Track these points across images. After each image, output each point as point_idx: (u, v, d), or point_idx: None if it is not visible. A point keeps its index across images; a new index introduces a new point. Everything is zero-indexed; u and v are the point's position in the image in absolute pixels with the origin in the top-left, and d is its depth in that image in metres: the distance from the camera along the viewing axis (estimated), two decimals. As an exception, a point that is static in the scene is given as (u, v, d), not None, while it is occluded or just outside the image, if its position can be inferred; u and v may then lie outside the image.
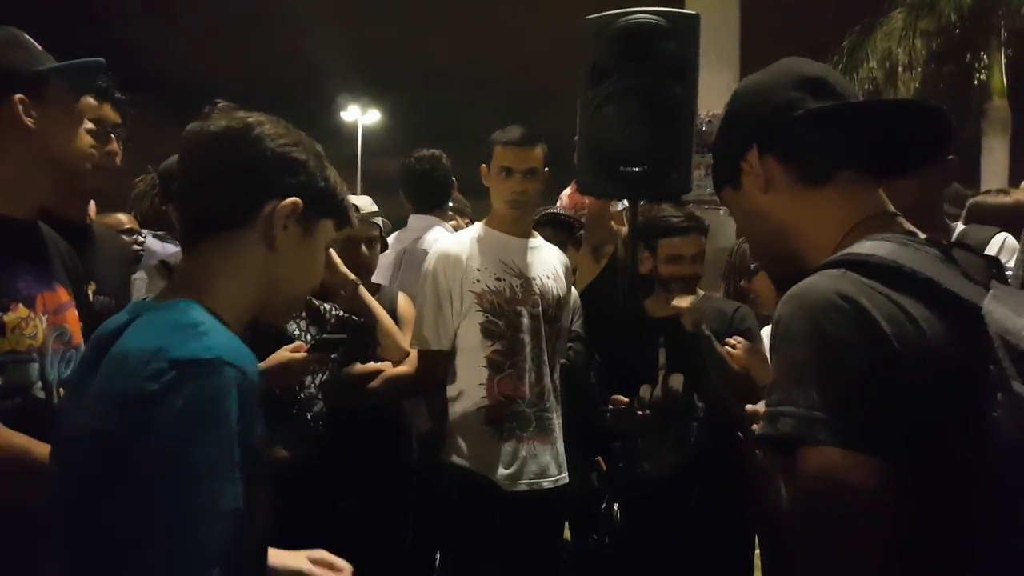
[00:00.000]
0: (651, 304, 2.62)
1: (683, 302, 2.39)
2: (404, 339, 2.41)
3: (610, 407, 2.42)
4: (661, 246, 2.51)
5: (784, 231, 1.06)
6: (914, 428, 0.83)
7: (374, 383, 2.30)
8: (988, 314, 0.84)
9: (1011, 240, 1.98)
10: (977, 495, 0.81)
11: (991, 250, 1.91)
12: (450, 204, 3.80)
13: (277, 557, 1.16)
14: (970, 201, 2.87)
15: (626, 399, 2.41)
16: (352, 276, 2.26)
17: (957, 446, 0.83)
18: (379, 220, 2.53)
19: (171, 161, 2.39)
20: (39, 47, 1.46)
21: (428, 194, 3.30)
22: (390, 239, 2.94)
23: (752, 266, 2.84)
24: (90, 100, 1.87)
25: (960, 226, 2.14)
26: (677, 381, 2.50)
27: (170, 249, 3.01)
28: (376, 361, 2.35)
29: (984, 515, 0.81)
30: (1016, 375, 0.79)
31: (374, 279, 2.58)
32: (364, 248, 2.45)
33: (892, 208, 1.04)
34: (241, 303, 1.07)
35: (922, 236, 0.98)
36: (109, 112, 1.96)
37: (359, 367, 2.29)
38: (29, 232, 1.47)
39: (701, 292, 2.65)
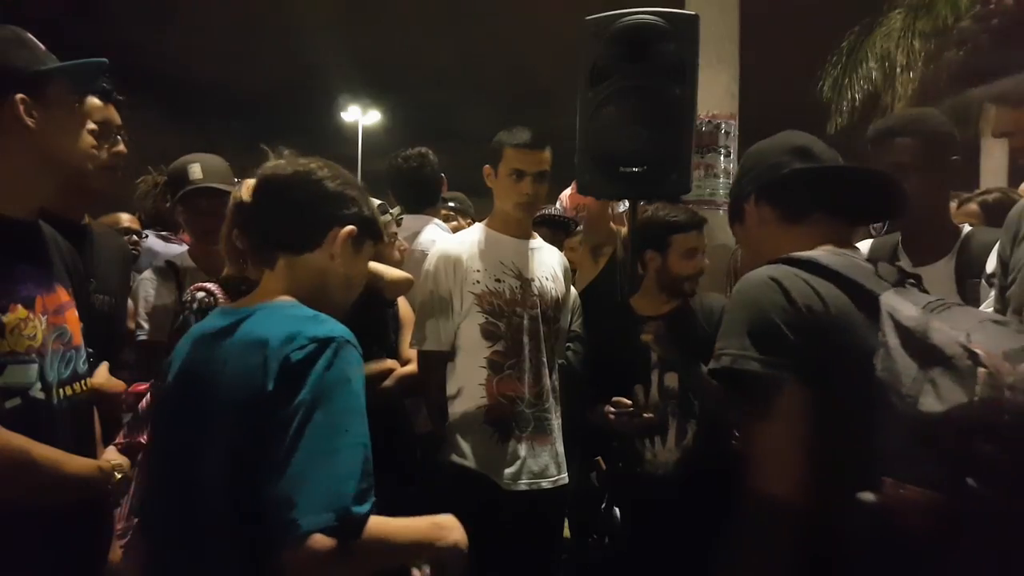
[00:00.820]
0: (640, 303, 2.62)
1: (647, 337, 2.44)
2: (397, 271, 2.41)
3: (612, 409, 2.42)
4: (675, 242, 2.52)
5: (771, 254, 1.37)
6: (817, 363, 1.19)
7: (387, 382, 2.31)
8: (883, 300, 1.19)
9: None
10: (862, 412, 1.13)
11: (995, 252, 1.92)
12: (451, 204, 3.80)
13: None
14: (990, 198, 2.86)
15: (629, 401, 2.42)
16: None
17: (848, 377, 1.17)
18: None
19: (180, 162, 2.38)
20: (42, 47, 1.45)
21: (418, 193, 3.24)
22: None
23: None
24: (95, 101, 1.87)
25: (967, 227, 2.14)
26: (672, 380, 2.50)
27: (174, 249, 3.01)
28: (394, 306, 2.41)
29: (865, 426, 1.13)
30: (894, 335, 1.15)
31: None
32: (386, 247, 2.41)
33: (851, 243, 1.39)
34: (313, 307, 1.32)
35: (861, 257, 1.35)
36: (114, 113, 1.96)
37: (370, 366, 2.30)
38: (29, 232, 1.47)
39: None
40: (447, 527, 1.39)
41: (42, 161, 1.43)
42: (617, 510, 2.66)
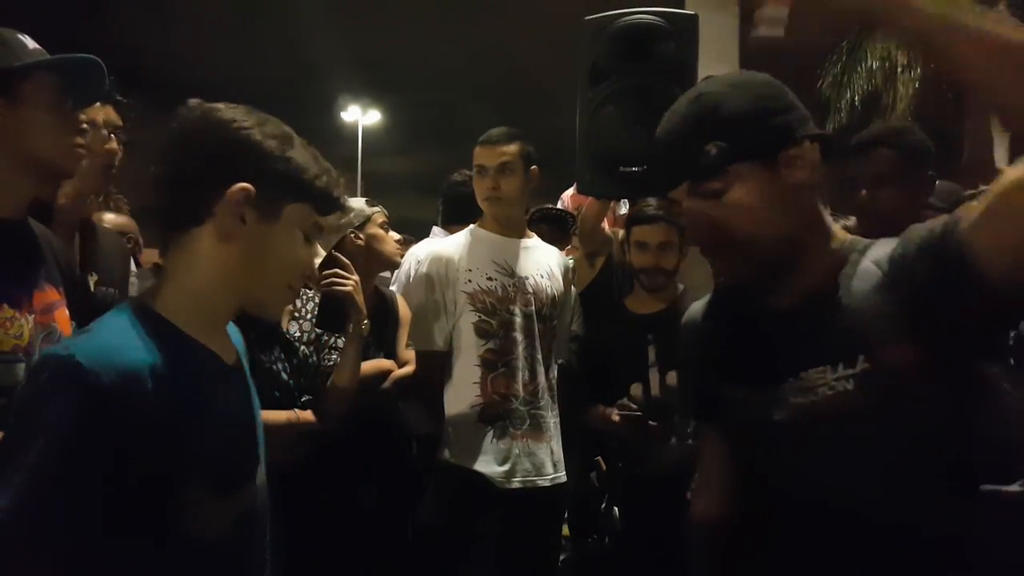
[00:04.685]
0: (633, 301, 2.61)
1: None
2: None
3: (618, 413, 2.41)
4: (632, 233, 2.54)
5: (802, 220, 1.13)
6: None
7: (385, 384, 2.31)
8: None
9: None
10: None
11: None
12: None
13: None
14: None
15: (635, 405, 2.41)
16: None
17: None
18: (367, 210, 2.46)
19: None
20: (29, 46, 1.42)
21: (450, 208, 3.36)
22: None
23: None
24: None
25: None
26: (672, 378, 2.49)
27: None
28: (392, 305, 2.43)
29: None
30: None
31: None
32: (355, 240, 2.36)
33: None
34: (200, 302, 1.03)
35: None
36: (112, 113, 1.95)
37: (368, 365, 2.29)
38: (15, 231, 1.45)
39: (681, 286, 2.64)
40: None
41: (18, 159, 1.41)
42: (617, 510, 2.65)
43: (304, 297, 2.09)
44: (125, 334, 0.96)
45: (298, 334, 2.19)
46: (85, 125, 1.59)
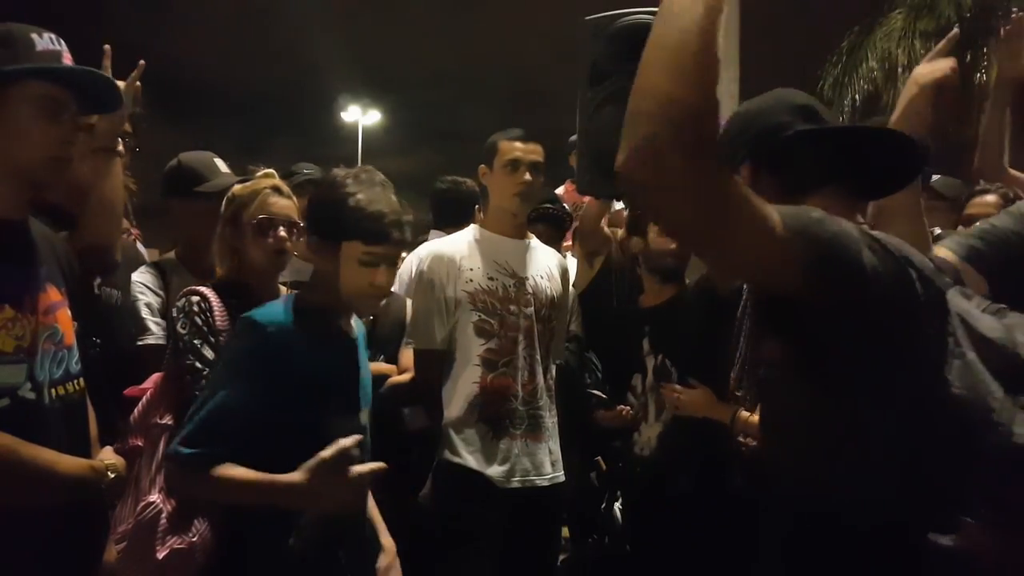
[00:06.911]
0: (642, 297, 2.65)
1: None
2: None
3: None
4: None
5: None
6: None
7: (381, 389, 2.31)
8: (950, 299, 0.97)
9: None
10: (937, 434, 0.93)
11: None
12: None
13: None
14: (1011, 193, 2.88)
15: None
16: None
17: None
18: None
19: (195, 159, 2.34)
20: (38, 48, 1.40)
21: (444, 212, 3.38)
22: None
23: None
24: None
25: (937, 230, 2.23)
26: (663, 361, 2.52)
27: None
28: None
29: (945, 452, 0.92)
30: (970, 347, 0.93)
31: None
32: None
33: (866, 228, 1.17)
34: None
35: None
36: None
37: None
38: (16, 232, 1.44)
39: (688, 281, 2.65)
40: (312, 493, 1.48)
41: (6, 163, 1.39)
42: (617, 510, 2.66)
43: None
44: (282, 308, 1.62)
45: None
46: (82, 129, 1.55)
